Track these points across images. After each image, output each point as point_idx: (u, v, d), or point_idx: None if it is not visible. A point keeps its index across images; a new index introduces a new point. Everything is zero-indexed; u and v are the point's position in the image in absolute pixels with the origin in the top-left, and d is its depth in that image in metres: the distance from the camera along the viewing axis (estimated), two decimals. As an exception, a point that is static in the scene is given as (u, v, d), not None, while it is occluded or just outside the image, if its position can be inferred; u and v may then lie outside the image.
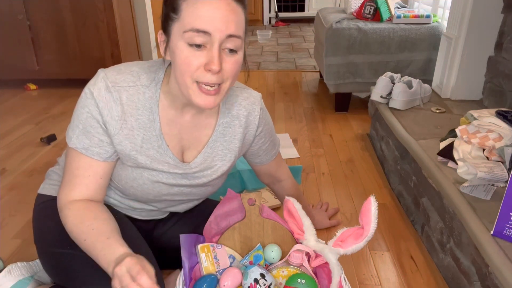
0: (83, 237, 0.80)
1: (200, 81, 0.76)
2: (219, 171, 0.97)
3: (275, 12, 5.52)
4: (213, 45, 0.73)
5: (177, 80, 0.79)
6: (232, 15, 0.73)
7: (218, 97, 0.79)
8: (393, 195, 1.61)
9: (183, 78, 0.76)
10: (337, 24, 2.22)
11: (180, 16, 0.73)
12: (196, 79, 0.76)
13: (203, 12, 0.72)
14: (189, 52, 0.74)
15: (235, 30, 0.74)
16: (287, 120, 2.36)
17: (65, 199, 0.85)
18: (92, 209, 0.84)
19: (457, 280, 1.10)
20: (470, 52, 1.74)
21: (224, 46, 0.75)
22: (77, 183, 0.85)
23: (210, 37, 0.72)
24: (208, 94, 0.77)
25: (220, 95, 0.79)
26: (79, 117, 0.84)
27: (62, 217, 0.85)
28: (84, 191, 0.85)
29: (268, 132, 1.04)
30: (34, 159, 1.91)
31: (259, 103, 0.98)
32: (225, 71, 0.76)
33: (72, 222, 0.83)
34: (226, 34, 0.73)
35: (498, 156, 1.18)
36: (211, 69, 0.73)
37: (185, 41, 0.73)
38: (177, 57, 0.75)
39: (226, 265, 0.87)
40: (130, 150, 0.86)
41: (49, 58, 2.78)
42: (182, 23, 0.73)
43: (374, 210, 0.78)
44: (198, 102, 0.78)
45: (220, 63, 0.74)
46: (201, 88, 0.76)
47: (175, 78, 0.80)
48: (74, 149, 0.85)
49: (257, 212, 0.89)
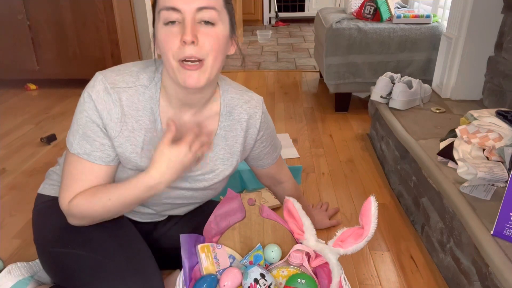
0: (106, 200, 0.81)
1: (181, 58, 0.75)
2: (221, 175, 0.96)
3: (275, 12, 5.52)
4: (184, 18, 0.73)
5: (164, 64, 0.79)
6: None
7: (202, 73, 0.77)
8: (393, 195, 1.61)
9: (167, 59, 0.76)
10: (337, 24, 2.22)
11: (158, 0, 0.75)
12: (177, 57, 0.75)
13: None
14: (166, 31, 0.74)
15: (206, 1, 0.73)
16: (287, 120, 2.36)
17: (66, 202, 0.84)
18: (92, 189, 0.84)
19: (457, 280, 1.10)
20: (470, 52, 1.74)
21: (199, 19, 0.74)
22: (79, 186, 0.84)
23: (181, 12, 0.73)
24: (190, 69, 0.76)
25: (205, 72, 0.77)
26: (79, 122, 0.83)
27: (71, 212, 0.84)
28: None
29: (269, 136, 1.04)
30: (34, 159, 1.91)
31: (260, 107, 0.97)
32: (203, 43, 0.74)
33: (84, 204, 0.82)
34: (196, 7, 0.73)
35: (498, 156, 1.18)
36: (185, 40, 0.72)
37: (162, 22, 0.74)
38: (158, 39, 0.76)
39: (226, 265, 0.87)
40: (130, 152, 0.85)
41: (49, 58, 2.78)
42: (158, 6, 0.75)
43: (374, 210, 0.78)
44: (183, 79, 0.76)
45: (194, 34, 0.73)
46: (183, 65, 0.75)
47: (164, 65, 0.80)
48: (76, 155, 0.84)
49: (257, 212, 0.89)
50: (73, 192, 0.84)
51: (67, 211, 0.85)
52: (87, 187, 0.84)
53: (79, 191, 0.84)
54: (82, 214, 0.84)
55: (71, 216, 0.85)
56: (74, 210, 0.83)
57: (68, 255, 0.86)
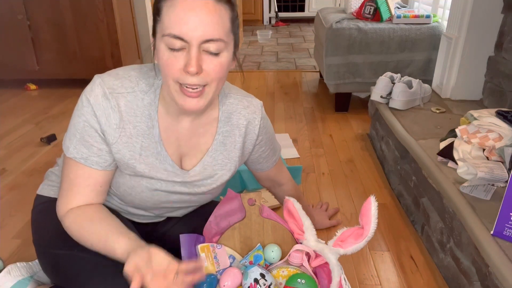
0: (89, 244, 0.81)
1: (182, 83, 0.74)
2: (220, 180, 0.96)
3: (275, 12, 5.52)
4: (190, 48, 0.71)
5: (163, 82, 0.78)
6: (210, 17, 0.70)
7: (202, 99, 0.76)
8: (393, 195, 1.61)
9: (166, 80, 0.75)
10: (337, 24, 2.22)
11: (161, 18, 0.72)
12: (178, 80, 0.74)
13: (179, 16, 0.69)
14: (169, 54, 0.72)
15: (213, 33, 0.71)
16: (287, 120, 2.36)
17: (63, 209, 0.84)
18: (87, 213, 0.83)
19: (457, 280, 1.10)
20: (470, 52, 1.74)
21: (205, 48, 0.72)
22: (76, 191, 0.84)
23: (187, 42, 0.71)
24: (190, 96, 0.75)
25: (205, 98, 0.77)
26: (76, 126, 0.82)
27: (63, 224, 0.85)
28: (83, 199, 0.84)
29: (268, 140, 1.03)
30: (34, 159, 1.91)
31: (259, 112, 0.96)
32: (207, 72, 0.73)
33: (74, 234, 0.83)
34: (202, 40, 0.71)
35: (498, 156, 1.18)
36: (189, 71, 0.71)
37: (165, 44, 0.72)
38: (160, 59, 0.74)
39: (226, 265, 0.87)
40: (129, 158, 0.84)
41: (49, 58, 2.78)
42: (162, 26, 0.72)
43: (374, 210, 0.78)
44: (182, 103, 0.76)
45: (198, 65, 0.71)
46: (183, 89, 0.75)
47: (164, 87, 0.79)
48: (72, 159, 0.83)
49: (257, 212, 0.89)
50: (71, 196, 0.84)
51: (61, 221, 0.85)
52: (84, 192, 0.84)
53: (77, 195, 0.84)
54: (71, 234, 0.84)
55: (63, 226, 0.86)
56: (65, 226, 0.84)
57: (67, 256, 0.86)
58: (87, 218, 0.82)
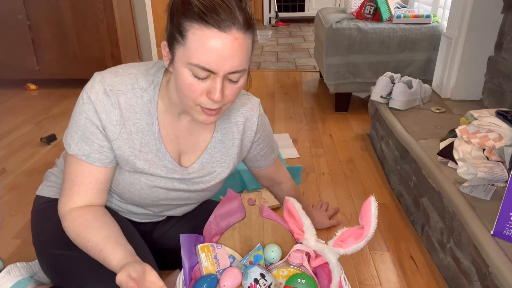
0: (84, 249, 0.81)
1: (203, 106, 0.77)
2: (218, 177, 0.96)
3: (275, 12, 5.52)
4: (216, 78, 0.73)
5: (180, 98, 0.79)
6: (239, 51, 0.72)
7: (218, 115, 0.81)
8: (393, 195, 1.61)
9: (187, 101, 0.77)
10: (337, 24, 2.22)
11: (186, 43, 0.71)
12: (199, 104, 0.76)
13: (209, 50, 0.69)
14: (193, 81, 0.73)
15: (240, 66, 0.73)
16: (287, 120, 2.36)
17: (64, 208, 0.84)
18: (86, 217, 0.83)
19: (457, 280, 1.10)
20: (470, 52, 1.74)
21: (228, 77, 0.74)
22: (77, 190, 0.84)
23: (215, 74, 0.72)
24: (210, 115, 0.78)
25: (221, 113, 0.81)
26: (77, 123, 0.82)
27: (63, 224, 0.85)
28: (84, 198, 0.85)
29: (266, 138, 1.03)
30: (34, 159, 1.91)
31: (257, 109, 0.97)
32: (226, 96, 0.76)
33: (71, 236, 0.83)
34: (230, 71, 0.73)
35: (498, 156, 1.18)
36: (214, 99, 0.74)
37: (190, 70, 0.73)
38: (180, 81, 0.75)
39: (226, 265, 0.87)
40: (129, 155, 0.85)
41: (49, 58, 2.78)
42: (187, 53, 0.71)
43: (374, 210, 0.78)
44: (202, 120, 0.80)
45: (222, 94, 0.74)
46: (203, 109, 0.77)
47: (177, 94, 0.80)
48: (74, 156, 0.84)
49: (257, 212, 0.89)
50: (72, 194, 0.84)
51: (61, 220, 0.85)
52: (86, 189, 0.84)
53: (78, 193, 0.84)
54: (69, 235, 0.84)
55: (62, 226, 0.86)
56: (64, 226, 0.84)
57: (66, 256, 0.86)
58: (85, 224, 0.82)
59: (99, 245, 0.79)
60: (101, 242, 0.79)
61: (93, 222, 0.82)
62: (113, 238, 0.80)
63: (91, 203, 0.85)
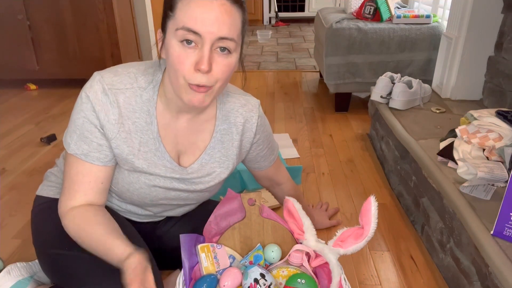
0: (85, 244, 0.81)
1: (191, 83, 0.75)
2: (218, 178, 0.96)
3: (275, 12, 5.52)
4: (203, 45, 0.72)
5: (170, 77, 0.79)
6: (225, 16, 0.72)
7: (208, 96, 0.78)
8: (393, 195, 1.61)
9: (176, 75, 0.76)
10: (337, 24, 2.22)
11: (175, 14, 0.73)
12: (188, 81, 0.75)
13: (196, 12, 0.71)
14: (180, 50, 0.73)
15: (227, 32, 0.73)
16: (287, 120, 2.36)
17: (64, 207, 0.85)
18: (86, 214, 0.83)
19: (457, 280, 1.10)
20: (470, 52, 1.74)
21: (216, 46, 0.74)
22: (77, 189, 0.84)
23: (201, 38, 0.72)
24: (198, 91, 0.76)
25: (210, 95, 0.78)
26: (76, 122, 0.83)
27: (62, 223, 0.85)
28: (84, 197, 0.85)
29: (266, 139, 1.03)
30: (34, 159, 1.91)
31: (257, 110, 0.97)
32: (215, 72, 0.75)
33: (71, 233, 0.84)
34: (217, 37, 0.72)
35: (498, 156, 1.18)
36: (200, 68, 0.73)
37: (177, 38, 0.73)
38: (170, 54, 0.75)
39: (226, 265, 0.87)
40: (127, 154, 0.85)
41: (49, 58, 2.78)
42: (175, 21, 0.73)
43: (374, 210, 0.78)
44: (190, 98, 0.77)
45: (209, 63, 0.73)
46: (191, 86, 0.76)
47: (169, 77, 0.80)
48: (73, 155, 0.84)
49: (257, 212, 0.89)
50: (72, 194, 0.84)
51: (61, 219, 0.86)
52: (86, 188, 0.84)
53: (78, 192, 0.84)
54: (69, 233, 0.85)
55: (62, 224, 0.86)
56: (64, 225, 0.85)
57: (66, 256, 0.86)
58: (86, 220, 0.82)
59: (101, 239, 0.79)
60: (103, 236, 0.79)
61: (93, 218, 0.83)
62: (115, 230, 0.81)
63: (91, 203, 0.85)
